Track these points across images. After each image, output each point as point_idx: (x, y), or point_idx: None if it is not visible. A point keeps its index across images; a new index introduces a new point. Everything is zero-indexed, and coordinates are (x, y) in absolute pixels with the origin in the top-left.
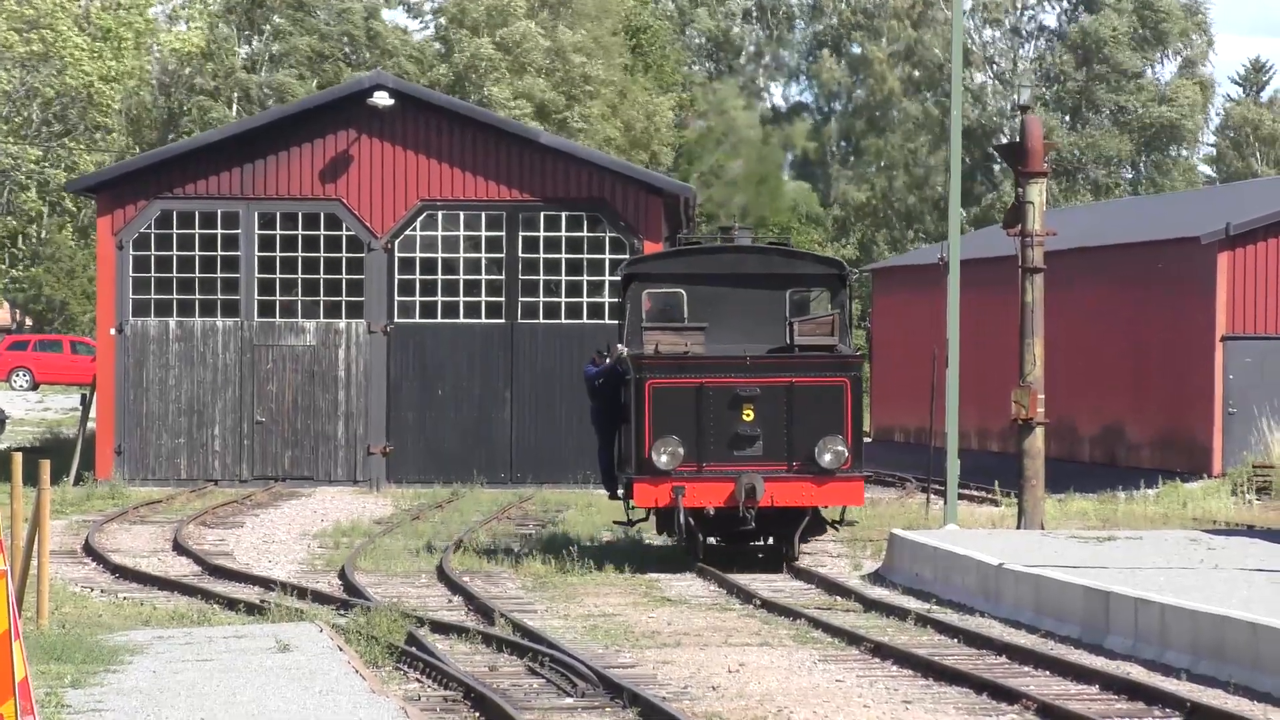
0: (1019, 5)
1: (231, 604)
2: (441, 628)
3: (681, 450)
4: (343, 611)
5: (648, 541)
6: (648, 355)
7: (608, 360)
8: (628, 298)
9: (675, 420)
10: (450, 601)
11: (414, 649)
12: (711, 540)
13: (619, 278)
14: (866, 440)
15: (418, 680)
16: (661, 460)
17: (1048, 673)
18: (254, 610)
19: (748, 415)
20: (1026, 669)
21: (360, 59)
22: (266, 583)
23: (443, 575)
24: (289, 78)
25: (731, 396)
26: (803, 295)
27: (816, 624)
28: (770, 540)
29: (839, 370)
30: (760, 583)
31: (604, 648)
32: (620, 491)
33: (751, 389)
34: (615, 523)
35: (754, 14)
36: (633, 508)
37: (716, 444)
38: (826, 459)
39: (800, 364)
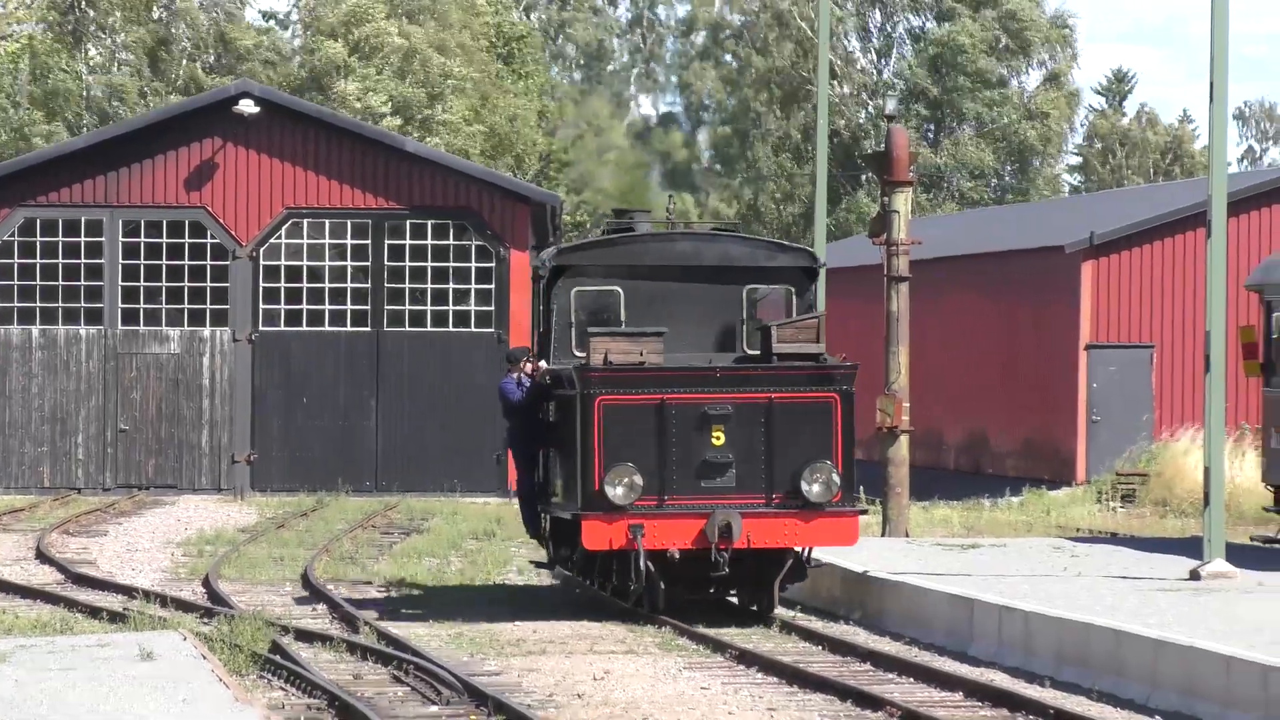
0: (882, 15)
1: (95, 613)
2: (306, 636)
3: (640, 480)
4: (206, 620)
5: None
6: (598, 366)
7: (523, 369)
8: (554, 296)
9: (631, 444)
10: (315, 610)
11: (278, 657)
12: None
13: (541, 270)
14: None
15: (282, 689)
16: (617, 493)
17: (912, 680)
18: (117, 619)
19: (718, 438)
20: (891, 676)
21: (218, 62)
22: (130, 591)
23: (307, 583)
24: (124, 78)
25: (698, 415)
26: (764, 292)
27: (681, 631)
28: (745, 589)
29: (827, 384)
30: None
31: (469, 656)
32: (546, 530)
33: (722, 407)
34: (534, 564)
35: (627, 26)
36: (548, 545)
37: (681, 473)
38: (814, 490)
39: (781, 376)
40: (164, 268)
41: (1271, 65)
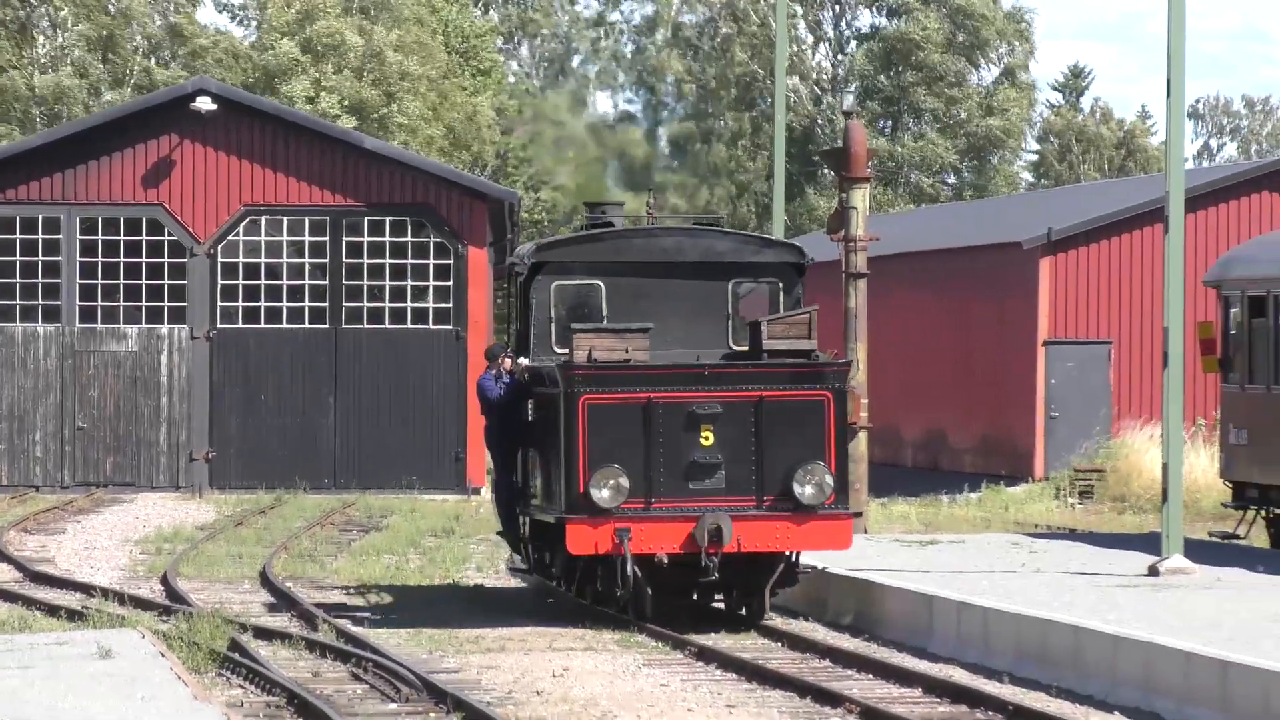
0: (836, 11)
1: (53, 610)
2: (264, 633)
3: (626, 483)
4: (165, 618)
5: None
6: (582, 364)
7: (501, 365)
8: (533, 291)
9: (617, 445)
10: (273, 607)
11: (237, 655)
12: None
13: (519, 265)
14: None
15: (240, 686)
16: (603, 495)
17: (871, 676)
18: (76, 617)
19: (706, 438)
20: (850, 672)
21: (172, 58)
22: (88, 589)
23: (266, 581)
24: (70, 78)
25: (686, 415)
26: (750, 288)
27: (640, 628)
28: (734, 595)
29: (819, 382)
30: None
31: (428, 653)
32: (525, 533)
33: (711, 406)
34: (512, 570)
35: (588, 24)
36: (524, 549)
37: (669, 475)
38: (807, 492)
39: (771, 374)
40: (122, 265)
41: (1229, 62)
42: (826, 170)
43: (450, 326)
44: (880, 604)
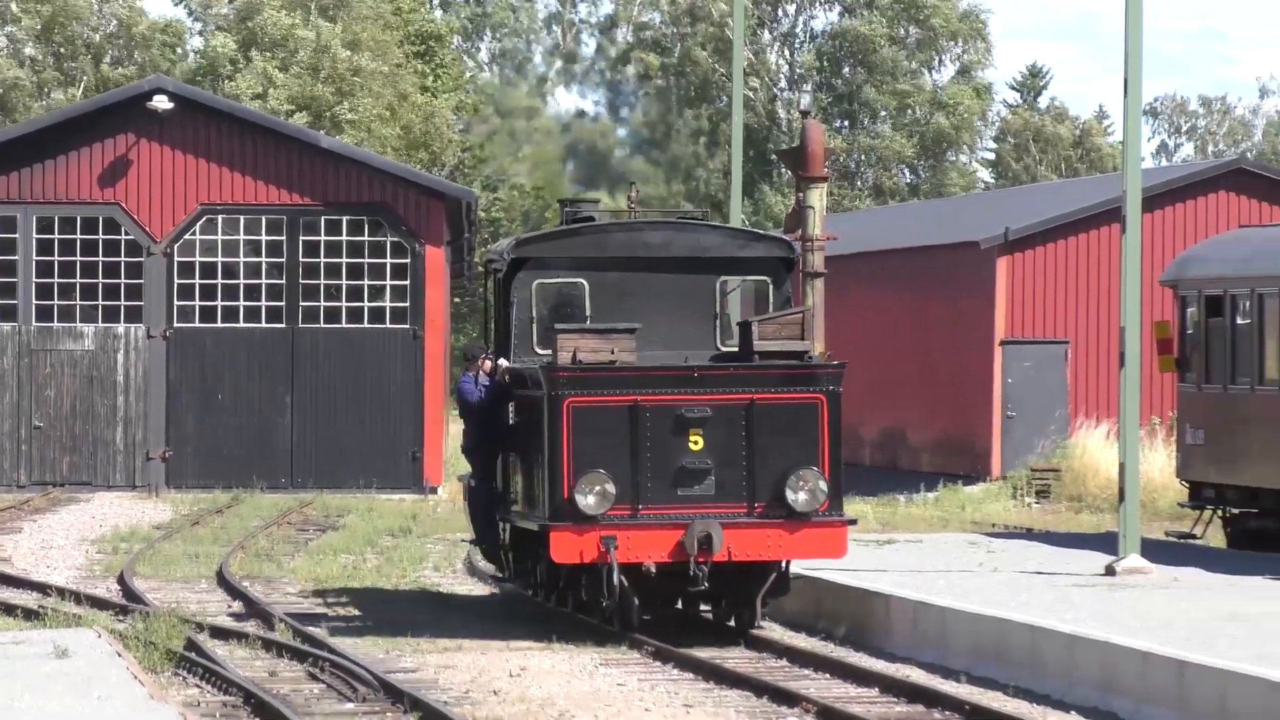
0: (792, 9)
1: (9, 610)
2: (221, 633)
3: (613, 489)
4: (121, 617)
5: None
6: (566, 365)
7: (480, 367)
8: (514, 289)
9: (602, 450)
10: (230, 607)
11: (193, 655)
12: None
13: (498, 263)
14: None
15: (197, 686)
16: (588, 502)
17: (828, 675)
18: (32, 616)
19: (695, 443)
20: (807, 672)
21: (122, 52)
22: (44, 588)
23: (223, 580)
24: (18, 70)
25: (674, 419)
26: (738, 285)
27: (594, 627)
28: (723, 604)
29: (812, 384)
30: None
31: (385, 653)
32: (506, 540)
33: (700, 409)
34: (493, 578)
35: (544, 23)
36: (507, 558)
37: (656, 480)
38: (800, 499)
39: (763, 376)
40: (78, 264)
41: (1186, 62)
42: (783, 169)
43: (407, 326)
44: (837, 604)
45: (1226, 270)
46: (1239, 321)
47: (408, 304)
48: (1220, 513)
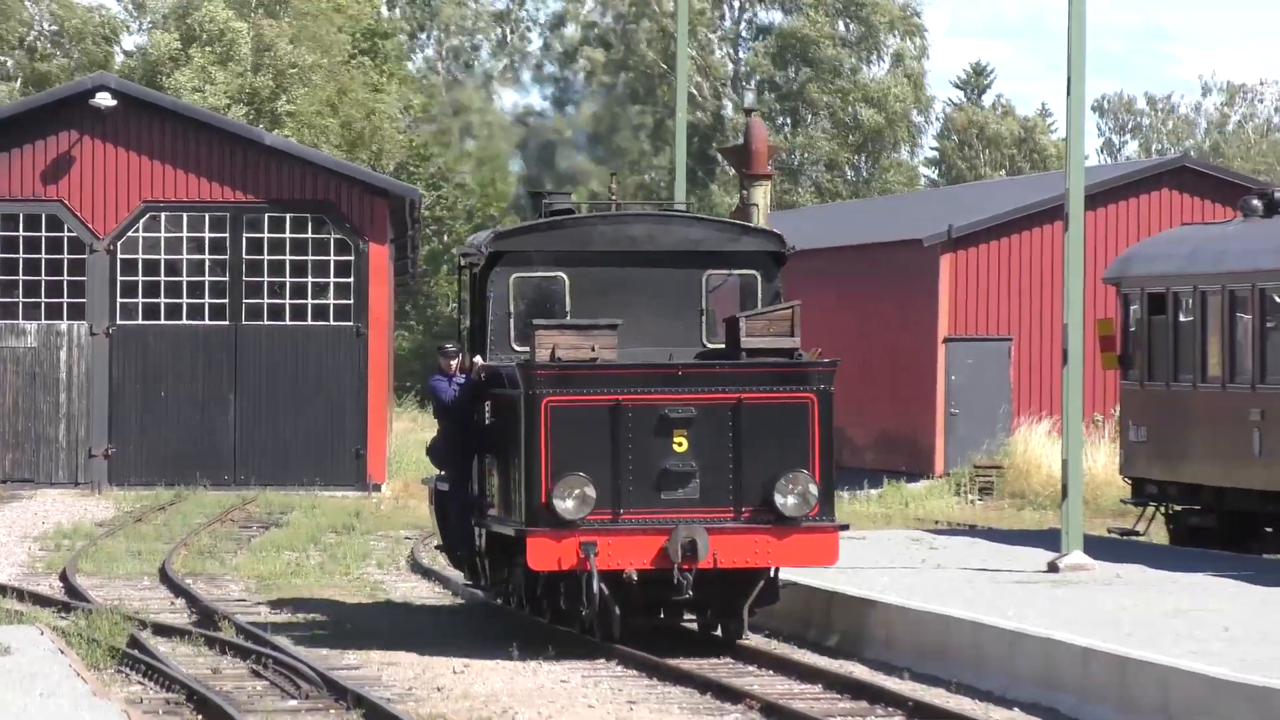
0: (734, 8)
1: None
2: (164, 630)
3: (593, 492)
4: (64, 614)
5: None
6: (544, 363)
7: (453, 362)
8: (490, 284)
9: (583, 451)
10: (173, 604)
11: (136, 651)
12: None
13: (473, 257)
14: None
15: (140, 683)
16: (567, 506)
17: (772, 672)
18: None
19: (680, 444)
20: (751, 668)
21: (55, 45)
22: None
23: (165, 578)
24: None
25: (658, 419)
26: (725, 279)
27: (540, 624)
28: (708, 614)
29: (802, 383)
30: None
31: (328, 649)
32: (481, 547)
33: (685, 409)
34: (467, 585)
35: (493, 20)
36: (483, 568)
37: (639, 484)
38: (789, 503)
39: (751, 374)
40: (21, 261)
41: (1131, 60)
42: (728, 166)
43: (351, 323)
44: (781, 600)
45: (1169, 268)
46: (1181, 319)
47: (351, 301)
48: (1163, 509)
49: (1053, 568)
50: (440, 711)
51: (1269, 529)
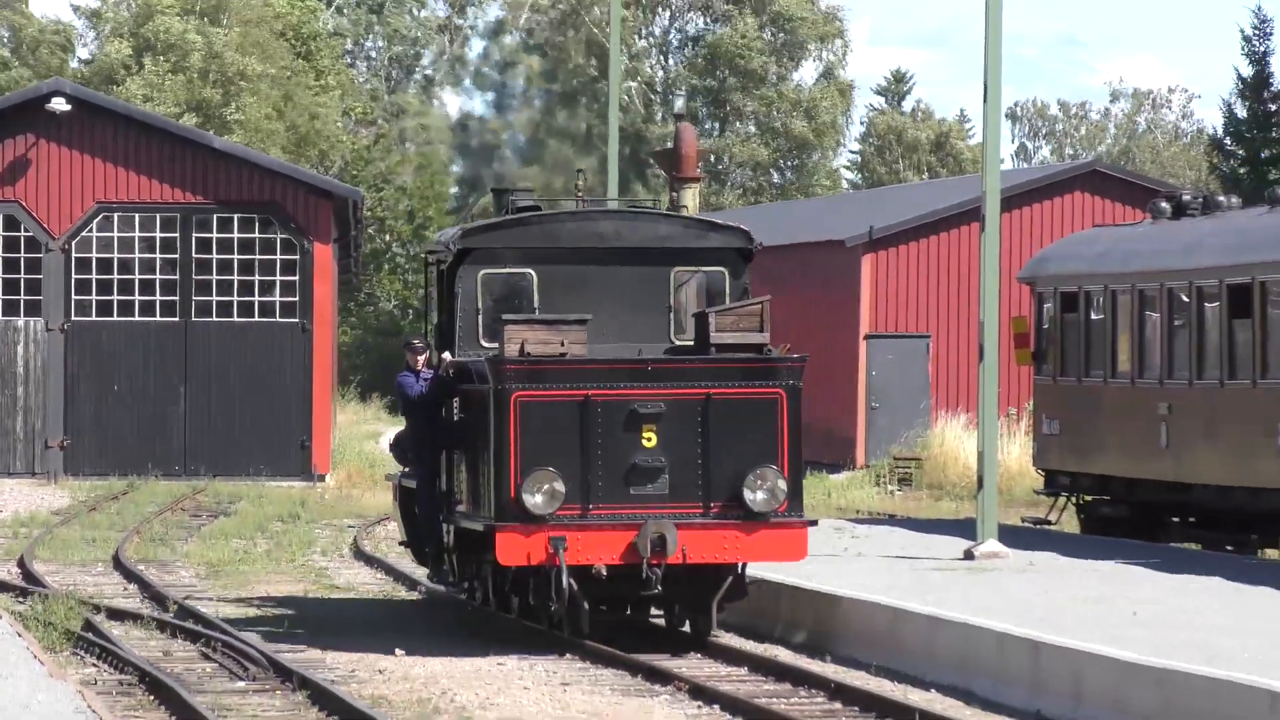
0: (664, 16)
1: None
2: (117, 614)
3: (562, 487)
4: (21, 599)
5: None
6: (513, 358)
7: (420, 358)
8: (458, 280)
9: (551, 446)
10: (126, 589)
11: (91, 635)
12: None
13: (441, 254)
14: None
15: (94, 665)
16: (536, 501)
17: (699, 655)
18: None
19: (649, 440)
20: (683, 654)
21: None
22: None
23: (119, 564)
24: None
25: (627, 414)
26: (692, 276)
27: (479, 611)
28: (676, 610)
29: (771, 378)
30: (421, 573)
31: (275, 633)
32: (450, 543)
33: (654, 404)
34: (432, 580)
35: (437, 30)
36: (444, 564)
37: (608, 479)
38: (758, 498)
39: (720, 369)
40: None
41: (1046, 67)
42: (658, 171)
43: (296, 320)
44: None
45: (1081, 268)
46: (1093, 317)
47: (296, 299)
48: (1074, 499)
49: (969, 555)
50: (382, 693)
51: (1176, 519)
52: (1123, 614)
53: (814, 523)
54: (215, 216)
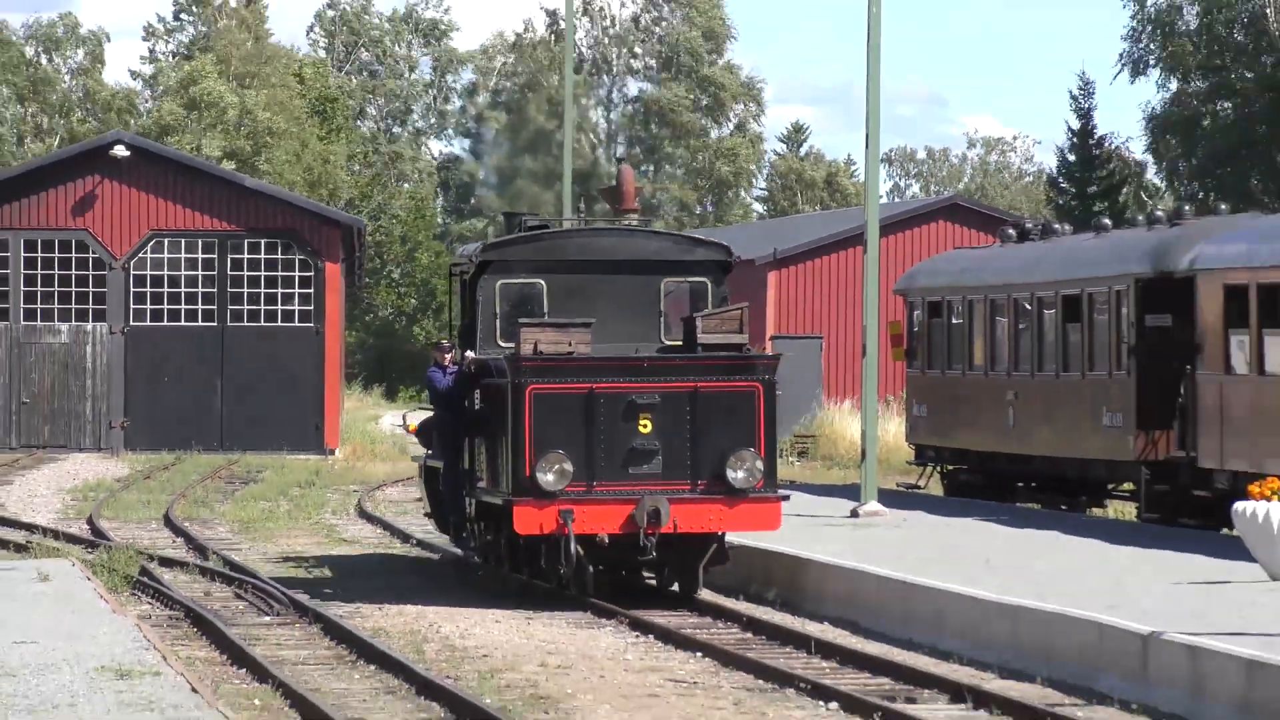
0: (611, 74)
1: (3, 544)
2: (167, 562)
3: (570, 467)
4: (90, 550)
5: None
6: (529, 356)
7: (447, 356)
8: (479, 289)
9: (561, 432)
10: (174, 542)
11: (145, 579)
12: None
13: (465, 266)
14: None
15: (149, 603)
16: (548, 479)
17: (633, 595)
18: (20, 549)
19: (645, 426)
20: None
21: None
22: (31, 527)
23: (168, 522)
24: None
25: (626, 404)
26: (679, 285)
27: (463, 561)
28: (665, 572)
29: (750, 373)
30: (416, 527)
31: (295, 577)
32: (471, 513)
33: (649, 396)
34: (454, 545)
35: (423, 89)
36: (467, 532)
37: (609, 460)
38: (738, 476)
39: (706, 366)
40: (56, 277)
41: (917, 121)
42: (604, 203)
43: (311, 325)
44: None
45: (944, 282)
46: (954, 321)
47: (311, 308)
48: (939, 469)
49: (854, 514)
50: (381, 626)
51: (1020, 484)
52: (977, 560)
53: (786, 497)
54: (246, 241)
